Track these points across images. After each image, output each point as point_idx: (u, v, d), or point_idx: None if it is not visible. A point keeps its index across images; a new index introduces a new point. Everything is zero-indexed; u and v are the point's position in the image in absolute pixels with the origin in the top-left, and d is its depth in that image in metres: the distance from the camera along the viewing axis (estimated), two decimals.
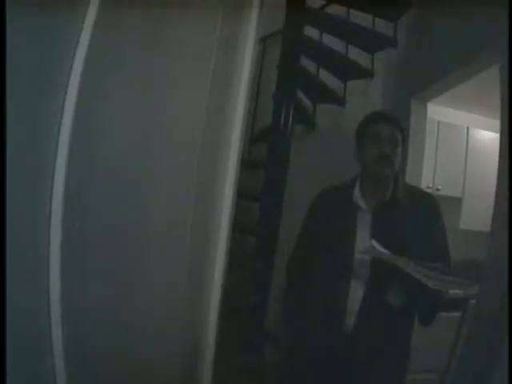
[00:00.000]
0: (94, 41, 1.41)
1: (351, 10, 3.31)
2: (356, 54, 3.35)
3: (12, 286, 1.17)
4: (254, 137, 3.26)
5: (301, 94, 3.27)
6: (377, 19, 3.33)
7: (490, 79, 2.37)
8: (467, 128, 3.80)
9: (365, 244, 1.55)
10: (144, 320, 1.60)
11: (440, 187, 3.63)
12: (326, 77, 3.38)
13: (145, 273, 1.62)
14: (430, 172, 3.61)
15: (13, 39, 1.17)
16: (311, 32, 3.20)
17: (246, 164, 2.54)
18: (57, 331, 1.40)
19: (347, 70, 3.38)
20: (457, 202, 3.71)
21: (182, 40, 1.65)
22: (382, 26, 3.32)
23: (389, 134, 1.62)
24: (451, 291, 1.46)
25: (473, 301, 2.14)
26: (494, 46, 2.25)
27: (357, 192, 1.67)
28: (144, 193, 1.61)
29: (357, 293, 1.57)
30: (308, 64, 3.25)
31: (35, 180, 1.36)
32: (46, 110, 1.37)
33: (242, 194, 2.10)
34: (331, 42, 3.30)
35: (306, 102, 3.45)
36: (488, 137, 3.74)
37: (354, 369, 1.55)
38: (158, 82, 1.62)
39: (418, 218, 1.60)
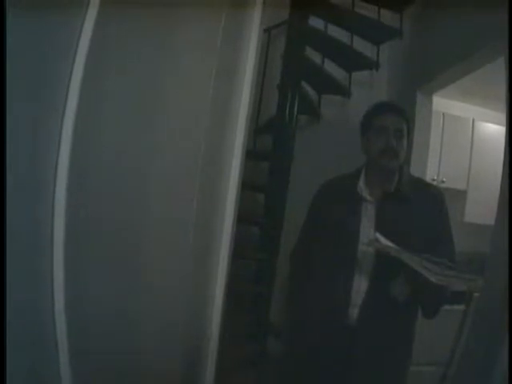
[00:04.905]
0: (96, 39, 1.40)
1: (356, 1, 3.29)
2: (361, 45, 3.34)
3: (13, 280, 1.17)
4: (258, 128, 3.25)
5: (306, 85, 3.25)
6: (382, 10, 3.31)
7: (496, 72, 2.35)
8: (473, 120, 3.79)
9: (369, 236, 1.55)
10: (146, 312, 1.60)
11: (445, 179, 3.63)
12: (331, 68, 3.37)
13: (148, 264, 1.61)
14: (435, 164, 3.60)
15: (12, 39, 1.16)
16: (316, 22, 3.18)
17: (251, 155, 2.54)
18: (61, 326, 1.40)
19: (352, 61, 3.37)
20: (462, 194, 3.70)
21: (185, 31, 1.64)
22: (388, 17, 3.31)
23: (394, 124, 1.61)
24: (455, 285, 1.46)
25: (476, 294, 2.14)
26: (499, 38, 2.22)
27: (361, 183, 1.66)
28: (147, 184, 1.61)
29: (360, 285, 1.57)
30: (313, 55, 3.24)
31: (37, 175, 1.36)
32: (48, 105, 1.36)
33: (247, 185, 2.10)
34: (336, 32, 3.28)
35: (311, 92, 3.43)
36: (493, 129, 3.72)
37: (357, 361, 1.55)
38: (161, 74, 1.61)
39: (422, 210, 1.59)
